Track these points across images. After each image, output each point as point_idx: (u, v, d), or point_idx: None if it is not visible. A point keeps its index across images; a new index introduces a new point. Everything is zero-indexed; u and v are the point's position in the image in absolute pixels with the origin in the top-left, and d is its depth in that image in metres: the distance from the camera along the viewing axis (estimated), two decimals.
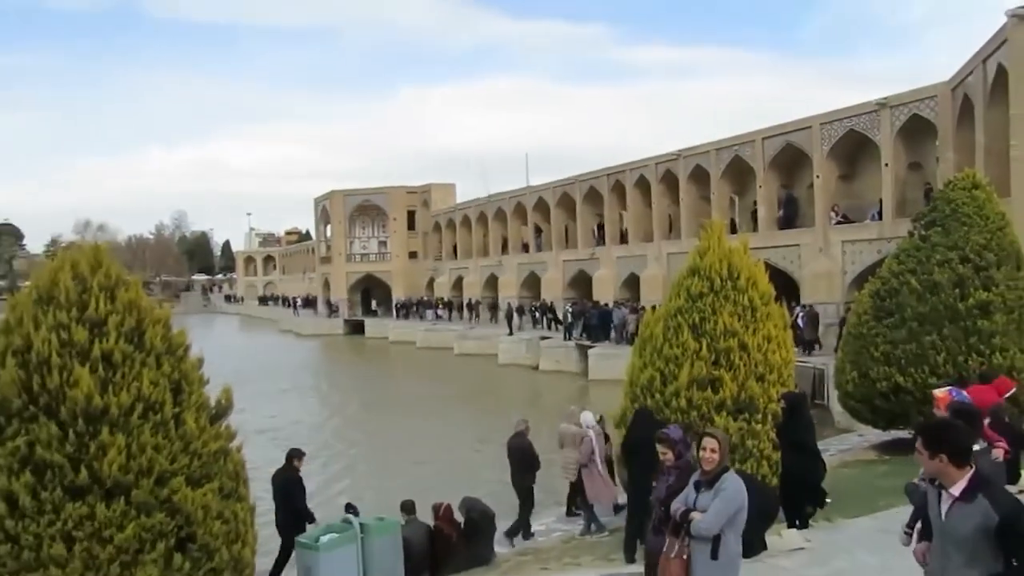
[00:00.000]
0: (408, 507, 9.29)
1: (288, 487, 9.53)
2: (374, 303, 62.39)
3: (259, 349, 51.61)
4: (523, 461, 10.59)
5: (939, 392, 7.88)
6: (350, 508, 8.97)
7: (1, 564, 5.14)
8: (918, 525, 4.46)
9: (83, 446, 5.32)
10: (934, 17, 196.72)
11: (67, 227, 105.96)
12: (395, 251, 62.03)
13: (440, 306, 52.54)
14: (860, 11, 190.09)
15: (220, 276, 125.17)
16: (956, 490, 3.57)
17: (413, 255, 62.23)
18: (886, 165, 24.63)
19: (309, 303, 70.63)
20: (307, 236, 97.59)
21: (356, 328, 58.17)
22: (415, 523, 9.04)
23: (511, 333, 39.54)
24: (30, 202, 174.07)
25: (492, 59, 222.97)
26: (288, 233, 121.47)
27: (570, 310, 35.65)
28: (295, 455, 9.84)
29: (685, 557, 4.90)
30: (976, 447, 5.33)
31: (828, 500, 8.64)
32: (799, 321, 23.79)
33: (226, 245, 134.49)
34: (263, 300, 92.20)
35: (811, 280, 26.69)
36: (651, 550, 5.67)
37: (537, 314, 40.83)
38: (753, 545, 7.47)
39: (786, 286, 24.06)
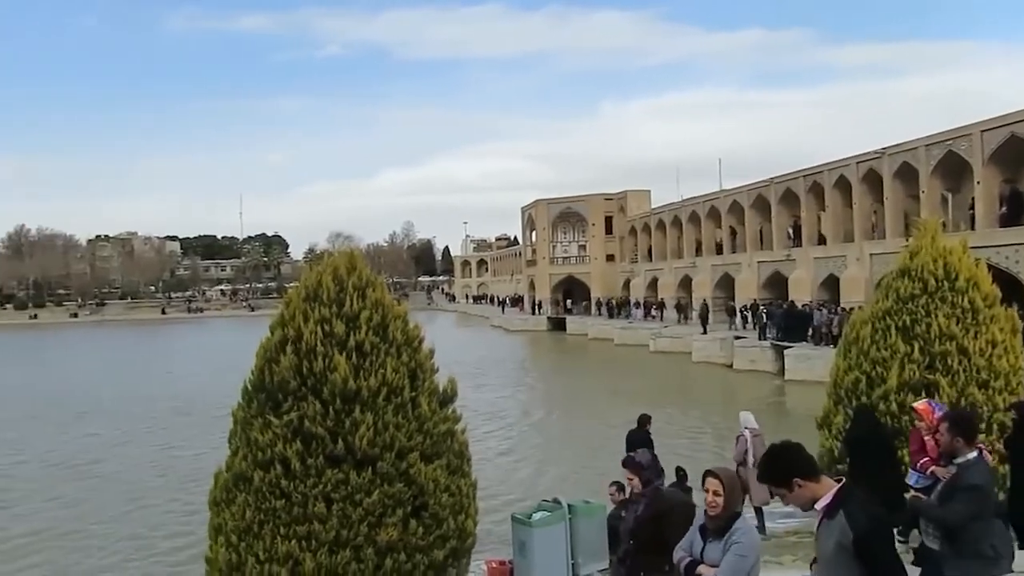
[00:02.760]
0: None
1: (638, 446, 10.03)
2: (568, 302, 63.17)
3: (476, 342, 53.90)
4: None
5: (919, 404, 6.71)
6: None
7: (277, 516, 5.67)
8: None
9: (340, 422, 5.76)
10: None
11: (321, 237, 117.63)
12: (594, 254, 62.39)
13: (653, 307, 49.86)
14: None
15: (441, 278, 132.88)
16: (820, 505, 3.24)
17: (610, 258, 62.14)
18: None
19: (516, 302, 72.99)
20: (515, 242, 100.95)
21: (558, 325, 59.07)
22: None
23: (705, 332, 38.20)
24: (292, 217, 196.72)
25: (688, 70, 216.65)
26: (498, 239, 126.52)
27: (764, 310, 33.70)
28: (646, 419, 10.38)
29: None
30: (972, 455, 4.59)
31: None
32: None
33: (446, 250, 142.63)
34: (475, 299, 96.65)
35: None
36: None
37: (749, 314, 37.54)
38: None
39: (1011, 289, 20.96)
